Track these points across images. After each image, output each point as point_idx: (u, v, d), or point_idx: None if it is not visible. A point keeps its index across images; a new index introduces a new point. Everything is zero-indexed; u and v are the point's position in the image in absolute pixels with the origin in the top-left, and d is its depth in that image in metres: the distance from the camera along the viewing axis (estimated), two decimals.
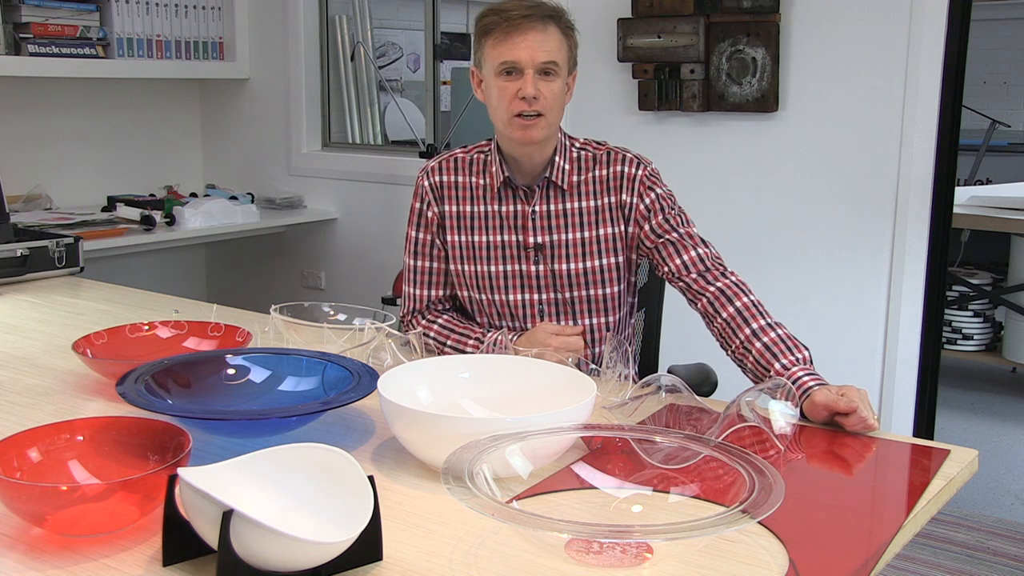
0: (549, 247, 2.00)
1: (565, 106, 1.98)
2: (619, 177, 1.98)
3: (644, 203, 1.98)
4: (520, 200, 2.00)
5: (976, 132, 6.30)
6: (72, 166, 4.09)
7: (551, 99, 1.90)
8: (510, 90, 1.89)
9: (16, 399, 1.77)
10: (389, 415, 1.45)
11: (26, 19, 3.60)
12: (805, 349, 1.80)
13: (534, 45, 1.87)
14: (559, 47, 1.90)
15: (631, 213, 1.98)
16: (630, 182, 1.98)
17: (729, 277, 1.91)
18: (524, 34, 1.87)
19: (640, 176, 1.98)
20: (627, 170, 1.98)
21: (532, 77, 1.88)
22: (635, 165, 1.99)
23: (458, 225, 2.05)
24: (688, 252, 1.94)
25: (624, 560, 1.18)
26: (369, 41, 4.81)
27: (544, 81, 1.89)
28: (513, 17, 1.87)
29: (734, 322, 1.84)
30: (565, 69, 1.93)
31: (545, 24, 1.88)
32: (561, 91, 1.92)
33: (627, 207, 1.98)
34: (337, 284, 4.31)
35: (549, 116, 1.91)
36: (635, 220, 1.98)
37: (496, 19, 1.89)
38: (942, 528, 3.19)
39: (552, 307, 2.03)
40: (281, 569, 1.10)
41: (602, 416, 1.62)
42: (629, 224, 1.99)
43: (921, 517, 1.36)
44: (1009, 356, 4.52)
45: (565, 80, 1.94)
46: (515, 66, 1.88)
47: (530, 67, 1.87)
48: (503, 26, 1.88)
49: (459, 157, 2.07)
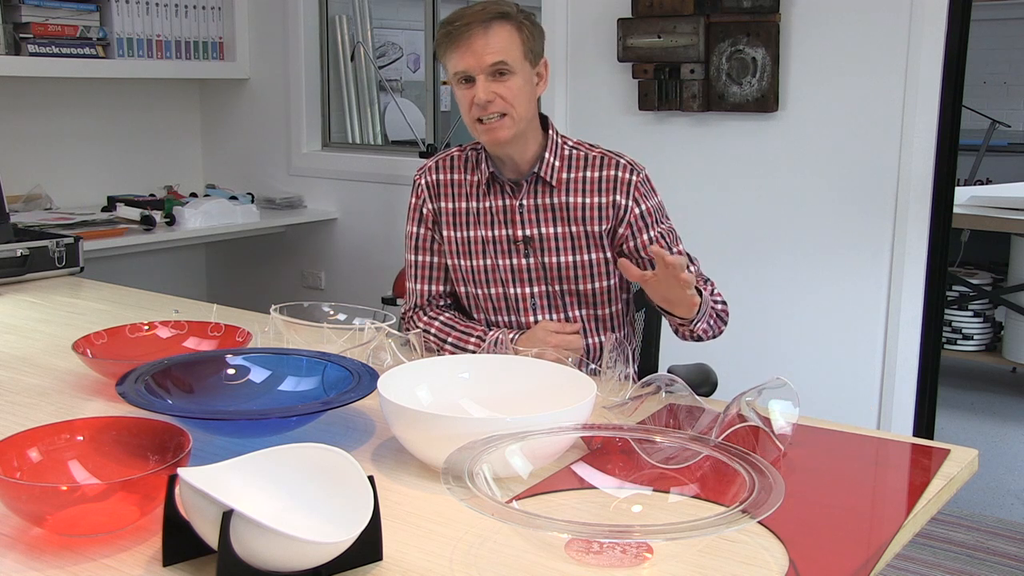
0: (538, 240, 2.02)
1: (537, 96, 1.99)
2: (612, 180, 1.99)
3: (639, 209, 2.00)
4: (508, 194, 2.03)
5: (976, 132, 6.30)
6: (72, 166, 4.09)
7: (510, 97, 1.91)
8: (467, 97, 1.93)
9: (16, 399, 1.77)
10: (389, 415, 1.45)
11: (26, 19, 3.60)
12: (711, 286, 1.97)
13: (479, 50, 1.89)
14: (508, 44, 1.91)
15: (625, 215, 1.99)
16: (624, 186, 1.99)
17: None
18: (468, 42, 1.89)
19: (635, 182, 2.00)
20: (621, 175, 1.99)
21: (484, 82, 1.90)
22: (629, 171, 2.00)
23: (453, 221, 2.07)
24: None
25: (624, 560, 1.18)
26: (369, 41, 4.81)
27: (498, 82, 1.91)
28: (458, 27, 1.91)
29: None
30: (523, 64, 1.93)
31: (487, 27, 1.89)
32: (522, 86, 1.93)
33: (621, 208, 1.99)
34: (337, 284, 4.31)
35: (513, 113, 1.92)
36: (628, 223, 1.99)
37: (444, 31, 1.93)
38: (942, 528, 3.19)
39: (544, 299, 2.05)
40: (281, 569, 1.10)
41: (602, 416, 1.62)
42: (621, 225, 2.00)
43: (921, 517, 1.36)
44: (1009, 356, 4.52)
45: (530, 74, 1.95)
46: (466, 73, 1.92)
47: (479, 72, 1.90)
48: (450, 37, 1.92)
49: (454, 155, 2.10)
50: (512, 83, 1.91)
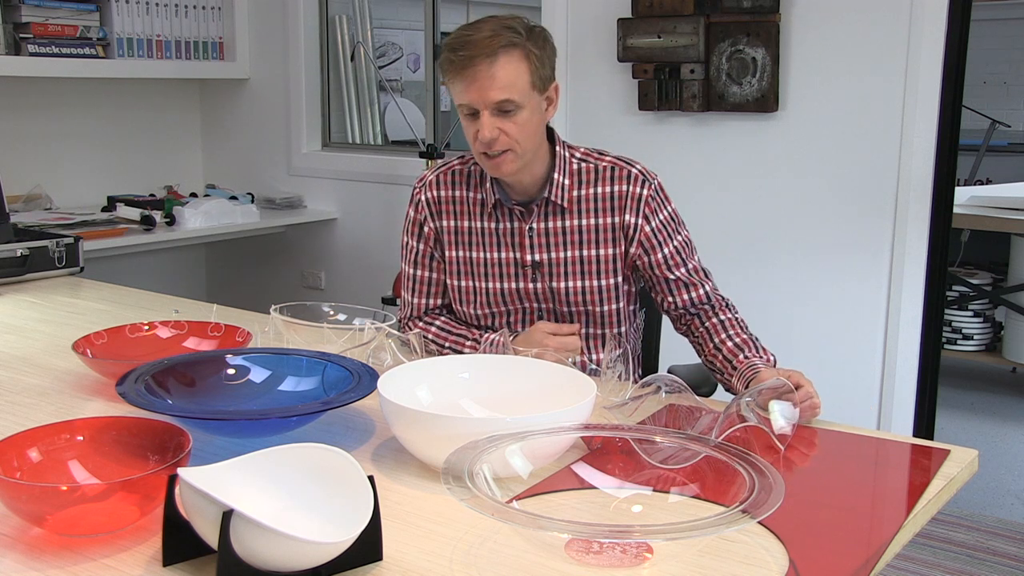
0: (547, 265, 1.96)
1: (545, 124, 1.90)
2: (623, 197, 1.92)
3: (650, 226, 1.93)
4: (517, 218, 1.96)
5: (976, 132, 6.30)
6: (72, 166, 4.09)
7: (515, 133, 1.82)
8: (471, 131, 1.85)
9: (16, 399, 1.77)
10: (389, 415, 1.45)
11: (26, 19, 3.60)
12: (772, 355, 1.87)
13: (485, 85, 1.78)
14: (516, 78, 1.79)
15: (635, 234, 1.93)
16: (634, 202, 1.92)
17: (728, 313, 1.97)
18: (472, 74, 1.78)
19: (645, 196, 1.92)
20: (632, 189, 1.92)
21: (489, 118, 1.80)
22: (640, 183, 1.92)
23: (456, 241, 2.01)
24: (695, 290, 1.96)
25: (624, 560, 1.18)
26: (369, 41, 4.81)
27: (503, 119, 1.81)
28: (462, 57, 1.79)
29: (714, 330, 1.93)
30: (530, 96, 1.82)
31: (493, 61, 1.78)
32: (528, 120, 1.83)
33: (630, 227, 1.93)
34: (337, 284, 4.31)
35: (517, 149, 1.83)
36: (638, 242, 1.93)
37: (447, 57, 1.82)
38: (942, 528, 3.19)
39: (551, 317, 2.01)
40: (281, 569, 1.10)
41: (602, 416, 1.62)
42: (631, 244, 1.94)
43: (921, 517, 1.36)
44: (1009, 356, 4.52)
45: (537, 104, 1.85)
46: (471, 108, 1.82)
47: (484, 108, 1.80)
48: (453, 66, 1.81)
49: (456, 169, 2.02)
50: (519, 118, 1.81)
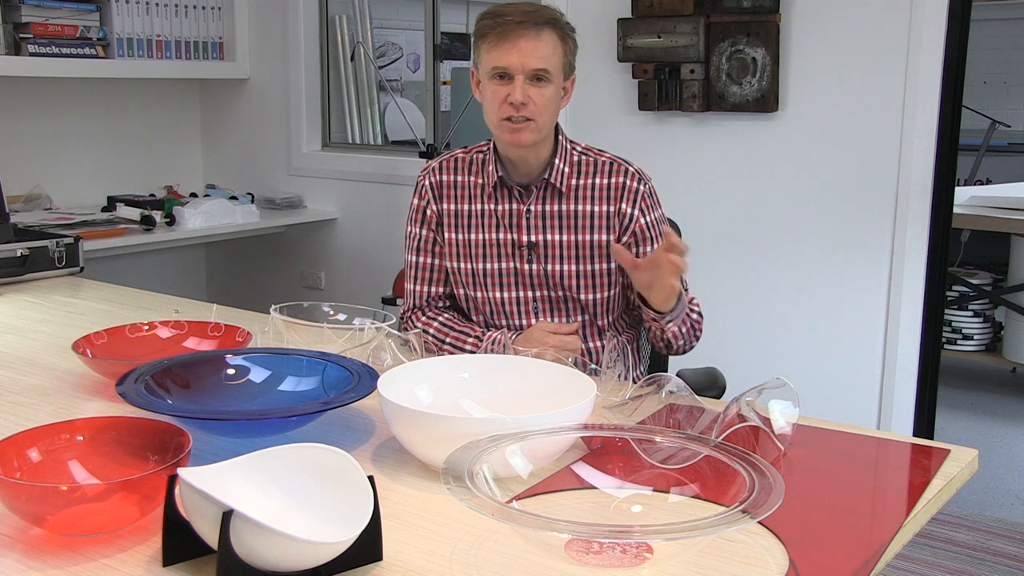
0: (543, 246, 2.01)
1: (560, 110, 1.98)
2: (620, 188, 1.99)
3: (645, 219, 2.01)
4: (515, 199, 2.02)
5: (976, 132, 6.30)
6: (72, 166, 4.09)
7: (541, 104, 1.90)
8: (500, 94, 1.91)
9: (16, 399, 1.77)
10: (389, 415, 1.45)
11: (26, 19, 3.60)
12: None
13: (526, 51, 1.88)
14: (552, 53, 1.91)
15: (631, 224, 2.00)
16: (631, 194, 1.99)
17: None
18: (516, 40, 1.88)
19: (642, 192, 2.00)
20: (629, 183, 2.00)
21: (522, 83, 1.89)
22: (637, 179, 2.01)
23: (455, 223, 2.06)
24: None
25: (624, 560, 1.18)
26: (369, 41, 4.81)
27: (535, 87, 1.90)
28: (508, 22, 1.88)
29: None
30: (559, 75, 1.93)
31: (539, 30, 1.89)
32: (553, 96, 1.93)
33: (627, 217, 2.00)
34: (337, 284, 4.31)
35: (539, 120, 1.91)
36: (632, 232, 2.00)
37: (491, 23, 1.90)
38: (942, 528, 3.19)
39: (545, 304, 2.04)
40: (281, 569, 1.10)
41: (602, 416, 1.62)
42: (625, 233, 2.00)
43: (921, 517, 1.36)
44: (1009, 356, 4.52)
45: (560, 85, 1.95)
46: (506, 71, 1.90)
47: (520, 73, 1.89)
48: (497, 31, 1.89)
49: (459, 157, 2.09)
50: (547, 91, 1.91)
